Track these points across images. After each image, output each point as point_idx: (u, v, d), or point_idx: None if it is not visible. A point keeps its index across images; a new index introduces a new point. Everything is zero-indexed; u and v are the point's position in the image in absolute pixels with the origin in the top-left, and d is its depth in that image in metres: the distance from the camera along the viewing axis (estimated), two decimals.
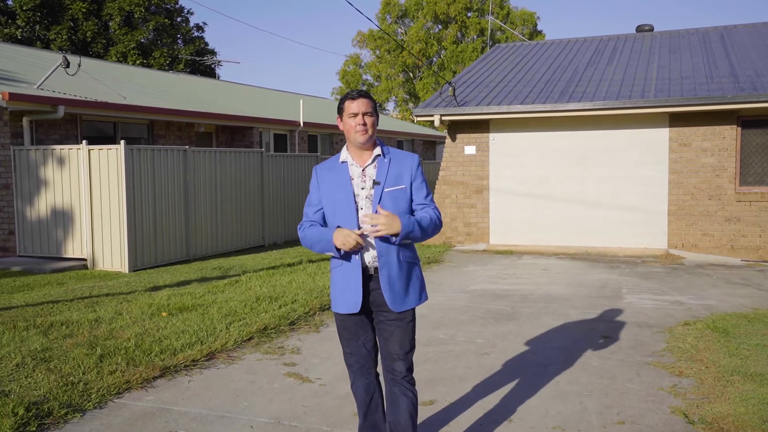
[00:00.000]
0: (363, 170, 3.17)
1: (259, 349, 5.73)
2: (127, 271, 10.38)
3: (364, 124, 3.09)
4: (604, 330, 6.43)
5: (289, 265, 10.45)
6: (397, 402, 3.15)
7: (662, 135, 11.79)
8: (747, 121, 11.38)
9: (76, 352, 5.32)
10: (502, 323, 6.74)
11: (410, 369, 3.19)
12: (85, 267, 10.71)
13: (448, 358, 5.48)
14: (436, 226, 3.15)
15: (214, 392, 4.70)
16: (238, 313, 6.83)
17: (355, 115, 3.10)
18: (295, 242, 14.31)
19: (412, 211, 3.17)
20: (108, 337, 5.86)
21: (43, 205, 11.01)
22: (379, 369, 3.33)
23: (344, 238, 3.00)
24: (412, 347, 3.19)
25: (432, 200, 3.22)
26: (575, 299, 7.92)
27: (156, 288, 8.50)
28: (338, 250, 3.05)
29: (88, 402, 4.40)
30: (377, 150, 3.19)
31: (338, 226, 3.09)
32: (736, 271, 10.00)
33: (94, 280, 9.49)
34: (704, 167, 11.51)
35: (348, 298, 3.15)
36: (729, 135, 11.35)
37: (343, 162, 3.22)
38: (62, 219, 10.90)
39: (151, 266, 10.85)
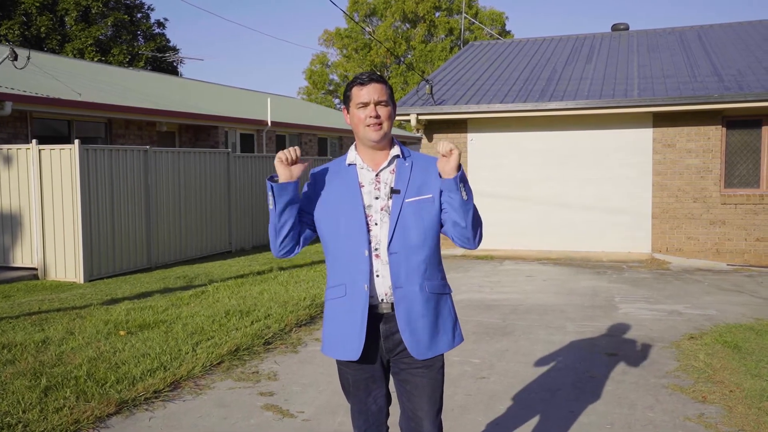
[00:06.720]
0: (377, 175, 2.48)
1: (230, 375, 5.08)
2: (82, 281, 9.56)
3: (378, 117, 2.40)
4: (606, 346, 5.94)
5: (258, 273, 9.77)
6: None
7: (646, 135, 11.42)
8: (732, 121, 11.08)
9: (17, 384, 4.59)
10: (496, 339, 6.20)
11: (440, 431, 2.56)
12: (36, 277, 9.86)
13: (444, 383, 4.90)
14: (479, 218, 2.46)
15: None
16: (205, 331, 6.15)
17: (365, 105, 2.41)
18: (264, 248, 13.60)
19: (440, 227, 2.51)
20: (56, 363, 5.14)
21: None
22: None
23: (281, 154, 2.42)
24: (442, 403, 2.57)
25: None
26: (568, 310, 7.43)
27: (114, 301, 7.75)
28: (282, 185, 2.42)
29: None
30: (395, 150, 2.50)
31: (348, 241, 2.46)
32: (725, 277, 9.66)
33: (45, 293, 8.67)
34: (689, 169, 11.18)
35: (345, 340, 2.45)
36: (714, 135, 11.03)
37: (351, 165, 2.51)
38: (10, 224, 10.02)
39: (109, 275, 10.04)
